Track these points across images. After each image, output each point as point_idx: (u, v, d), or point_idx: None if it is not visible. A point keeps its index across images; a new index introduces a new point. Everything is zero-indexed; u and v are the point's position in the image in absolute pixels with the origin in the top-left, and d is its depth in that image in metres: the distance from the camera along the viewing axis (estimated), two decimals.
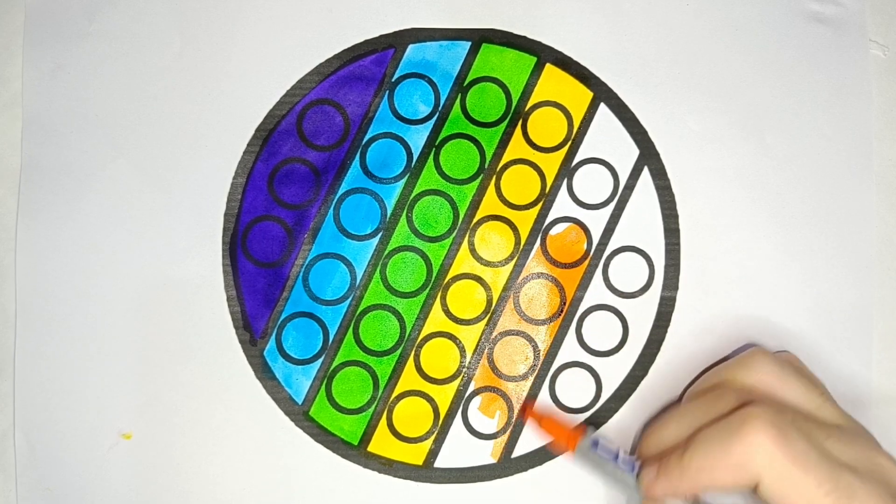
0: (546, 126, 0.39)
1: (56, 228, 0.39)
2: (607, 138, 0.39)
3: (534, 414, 0.38)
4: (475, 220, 0.39)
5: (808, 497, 0.30)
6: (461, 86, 0.40)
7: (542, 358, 0.39)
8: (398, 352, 0.39)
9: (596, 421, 0.39)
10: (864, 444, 0.32)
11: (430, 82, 0.39)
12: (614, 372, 0.39)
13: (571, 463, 0.38)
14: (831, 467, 0.30)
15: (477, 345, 0.39)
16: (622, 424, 0.39)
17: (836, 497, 0.30)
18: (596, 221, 0.39)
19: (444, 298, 0.39)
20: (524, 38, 0.40)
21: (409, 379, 0.39)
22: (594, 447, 0.36)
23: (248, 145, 0.39)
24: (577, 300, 0.39)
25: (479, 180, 0.39)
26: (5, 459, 0.39)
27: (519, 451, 0.39)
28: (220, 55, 0.40)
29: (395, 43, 0.40)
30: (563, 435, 0.37)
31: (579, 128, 0.39)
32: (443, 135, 0.39)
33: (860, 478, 0.30)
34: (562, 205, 0.39)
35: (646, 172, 0.39)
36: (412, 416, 0.39)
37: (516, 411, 0.39)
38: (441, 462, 0.39)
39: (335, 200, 0.39)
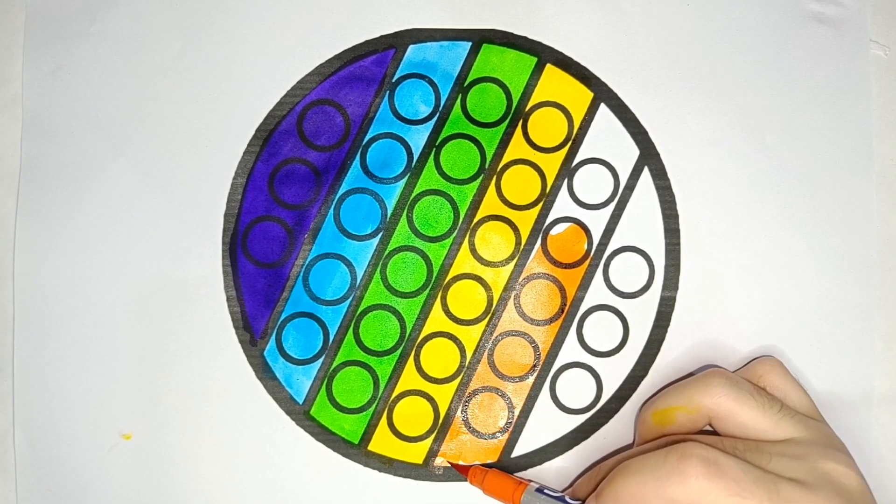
0: (546, 126, 0.39)
1: (56, 228, 0.39)
2: (607, 138, 0.39)
3: (475, 474, 0.38)
4: (475, 220, 0.39)
5: None
6: (462, 86, 0.40)
7: (542, 358, 0.39)
8: (398, 352, 0.39)
9: (596, 422, 0.39)
10: (816, 454, 0.32)
11: (431, 82, 0.39)
12: (615, 372, 0.39)
13: None
14: (769, 486, 0.30)
15: (477, 345, 0.39)
16: (623, 425, 0.39)
17: None
18: (596, 221, 0.39)
19: (444, 298, 0.39)
20: (525, 38, 0.40)
21: (409, 379, 0.39)
22: (539, 494, 0.36)
23: (249, 145, 0.39)
24: (578, 300, 0.39)
25: (479, 180, 0.39)
26: (5, 459, 0.39)
27: (519, 450, 0.39)
28: (221, 55, 0.40)
29: (395, 43, 0.40)
30: (508, 489, 0.37)
31: (579, 128, 0.39)
32: (443, 135, 0.39)
33: (806, 489, 0.31)
34: (562, 205, 0.39)
35: (646, 172, 0.39)
36: (412, 415, 0.39)
37: (517, 411, 0.39)
38: (441, 461, 0.39)
39: (335, 200, 0.39)
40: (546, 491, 0.36)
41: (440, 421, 0.39)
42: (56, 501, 0.38)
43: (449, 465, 0.39)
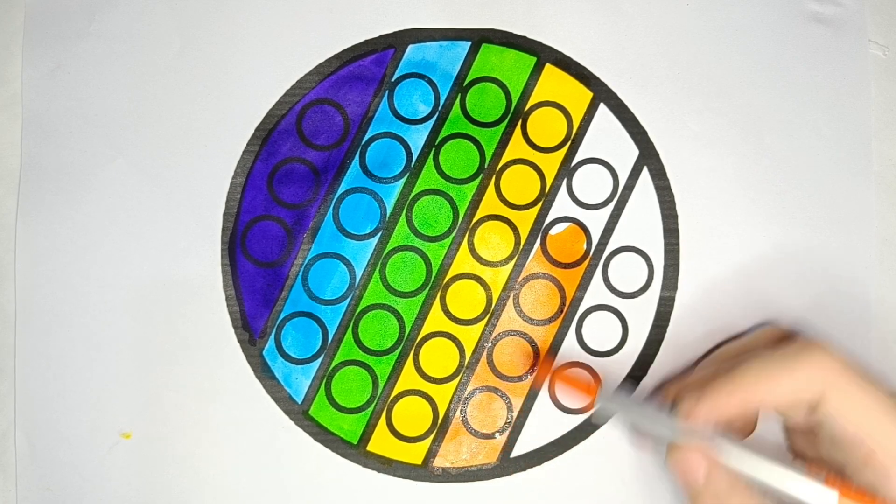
0: (546, 126, 0.39)
1: (56, 228, 0.39)
2: (607, 138, 0.39)
3: (553, 373, 0.38)
4: (475, 220, 0.39)
5: (876, 419, 0.30)
6: (461, 86, 0.40)
7: (542, 358, 0.39)
8: (397, 351, 0.39)
9: (596, 422, 0.39)
10: None
11: (430, 82, 0.39)
12: (614, 372, 0.39)
13: (594, 416, 0.38)
14: None
15: (476, 345, 0.39)
16: (623, 425, 0.39)
17: None
18: (596, 221, 0.39)
19: (443, 298, 0.39)
20: (524, 38, 0.40)
21: (408, 378, 0.39)
22: (618, 393, 0.36)
23: (248, 145, 0.39)
24: (577, 300, 0.39)
25: (478, 180, 0.39)
26: (5, 459, 0.39)
27: (518, 450, 0.39)
28: (220, 55, 0.40)
29: (394, 43, 0.40)
30: (584, 387, 0.37)
31: (579, 128, 0.39)
32: (442, 134, 0.39)
33: None
34: (561, 205, 0.39)
35: (645, 173, 0.39)
36: (411, 415, 0.39)
37: (516, 411, 0.39)
38: (440, 461, 0.39)
39: (335, 200, 0.39)
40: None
41: (439, 421, 0.39)
42: (56, 500, 0.38)
43: (532, 369, 0.39)
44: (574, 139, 0.39)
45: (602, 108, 0.39)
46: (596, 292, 0.39)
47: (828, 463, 0.33)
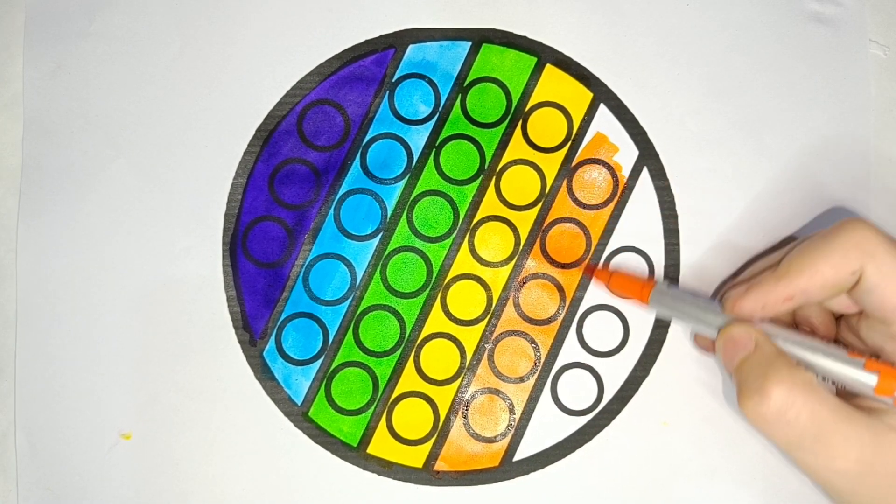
0: (546, 126, 0.39)
1: (57, 228, 0.39)
2: (607, 138, 0.39)
3: (601, 273, 0.38)
4: (475, 221, 0.39)
5: None
6: (461, 86, 0.40)
7: (542, 359, 0.39)
8: (398, 352, 0.39)
9: (598, 423, 0.39)
10: None
11: (431, 83, 0.40)
12: (616, 373, 0.39)
13: (647, 311, 0.38)
14: None
15: (477, 345, 0.39)
16: (625, 427, 0.39)
17: None
18: (596, 222, 0.39)
19: (444, 299, 0.39)
20: (524, 38, 0.40)
21: (408, 380, 0.39)
22: (669, 289, 0.36)
23: (249, 146, 0.39)
24: (578, 300, 0.39)
25: (479, 181, 0.39)
26: (6, 459, 0.38)
27: (521, 454, 0.39)
28: (221, 55, 0.40)
29: (395, 43, 0.40)
30: (636, 286, 0.37)
31: (579, 128, 0.39)
32: (443, 135, 0.39)
33: None
34: (561, 205, 0.39)
35: (645, 173, 0.39)
36: (412, 417, 0.39)
37: (518, 414, 0.39)
38: (441, 465, 0.39)
39: (335, 201, 0.39)
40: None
41: (440, 424, 0.39)
42: (56, 500, 0.38)
43: (587, 276, 0.39)
44: (574, 139, 0.39)
45: (602, 109, 0.39)
46: (596, 292, 0.39)
47: (871, 350, 0.34)
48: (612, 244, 0.39)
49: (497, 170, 0.39)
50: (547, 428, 0.39)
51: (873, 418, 0.31)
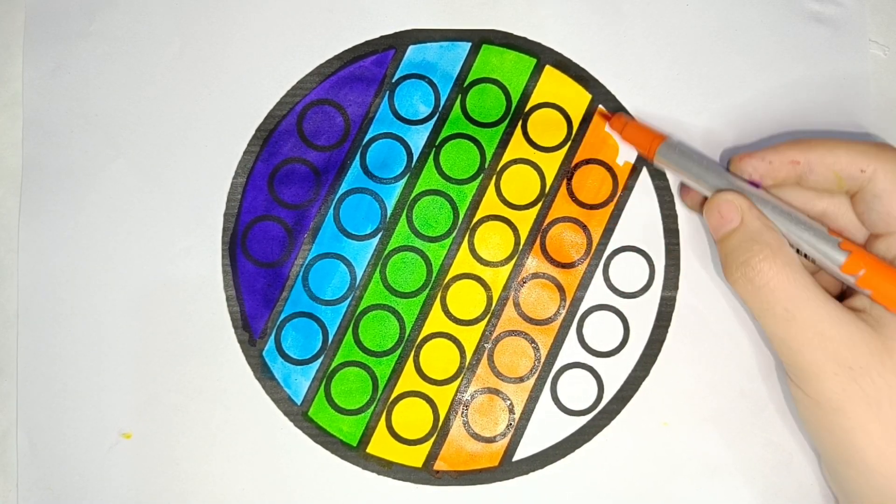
0: (546, 126, 0.39)
1: (57, 228, 0.39)
2: (606, 139, 0.39)
3: (616, 122, 0.38)
4: (475, 220, 0.39)
5: None
6: (461, 87, 0.40)
7: (542, 359, 0.39)
8: (398, 352, 0.39)
9: (598, 423, 0.39)
10: None
11: (431, 83, 0.40)
12: (616, 372, 0.39)
13: (655, 166, 0.38)
14: None
15: (477, 345, 0.39)
16: (625, 428, 0.39)
17: None
18: (596, 221, 0.39)
19: (443, 299, 0.39)
20: (524, 39, 0.40)
21: (408, 380, 0.39)
22: (678, 147, 0.36)
23: (249, 145, 0.39)
24: (578, 300, 0.39)
25: (479, 180, 0.39)
26: (7, 459, 0.39)
27: (520, 454, 0.39)
28: (221, 55, 0.40)
29: (395, 44, 0.40)
30: (648, 137, 0.37)
31: (578, 128, 0.39)
32: (443, 135, 0.39)
33: None
34: (562, 204, 0.39)
35: (645, 173, 0.39)
36: (411, 417, 0.39)
37: (518, 413, 0.39)
38: (441, 464, 0.39)
39: (335, 200, 0.39)
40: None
41: (440, 424, 0.39)
42: (56, 500, 0.38)
43: (604, 120, 0.39)
44: (574, 140, 0.39)
45: (601, 110, 0.40)
46: (596, 292, 0.39)
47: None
48: (613, 244, 0.39)
49: (497, 169, 0.39)
50: (547, 428, 0.39)
51: (849, 310, 0.33)
